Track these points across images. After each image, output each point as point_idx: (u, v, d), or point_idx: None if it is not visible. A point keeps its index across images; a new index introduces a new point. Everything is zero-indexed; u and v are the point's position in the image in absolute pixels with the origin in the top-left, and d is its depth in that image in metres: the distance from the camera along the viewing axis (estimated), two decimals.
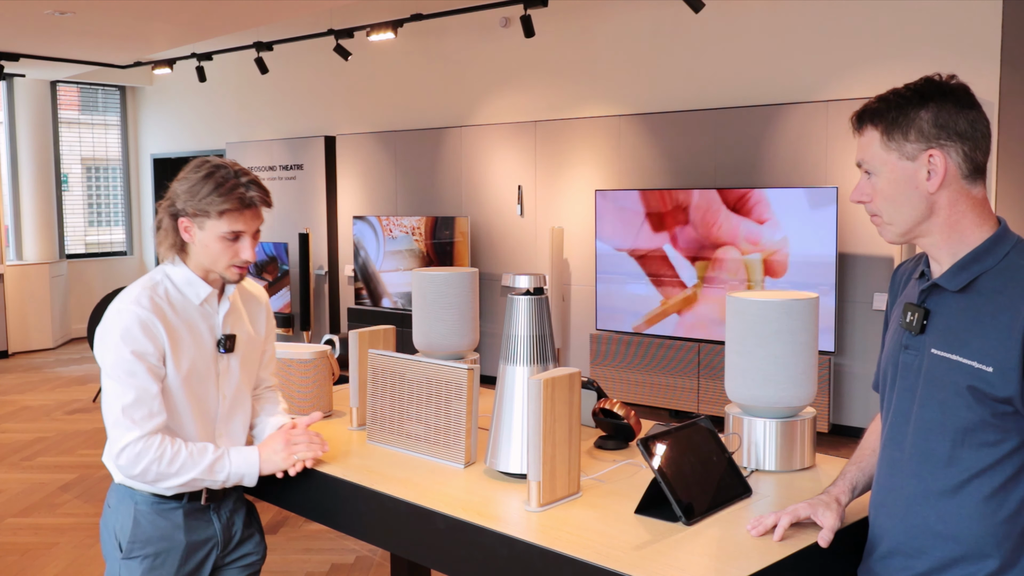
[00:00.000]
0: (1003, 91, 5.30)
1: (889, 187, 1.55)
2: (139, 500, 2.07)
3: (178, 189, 2.05)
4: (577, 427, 1.90)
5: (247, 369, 2.20)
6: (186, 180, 2.05)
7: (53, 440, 6.20)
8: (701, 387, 6.13)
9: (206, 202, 2.01)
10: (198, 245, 2.06)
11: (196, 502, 2.11)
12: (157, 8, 6.66)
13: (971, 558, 1.51)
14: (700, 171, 6.33)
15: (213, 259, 2.07)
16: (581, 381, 2.16)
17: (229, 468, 2.06)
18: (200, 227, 2.04)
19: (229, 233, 2.04)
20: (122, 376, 1.96)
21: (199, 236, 2.05)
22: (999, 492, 1.49)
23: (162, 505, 2.08)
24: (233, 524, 2.19)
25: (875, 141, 1.56)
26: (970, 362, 1.48)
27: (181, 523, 2.09)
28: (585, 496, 1.91)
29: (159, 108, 10.87)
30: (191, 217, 2.04)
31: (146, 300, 2.01)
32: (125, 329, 1.98)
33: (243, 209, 2.04)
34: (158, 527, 2.08)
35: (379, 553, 4.16)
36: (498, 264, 7.50)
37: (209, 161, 2.07)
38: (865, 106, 1.58)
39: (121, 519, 2.08)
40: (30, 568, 4.10)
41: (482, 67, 7.74)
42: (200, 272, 2.10)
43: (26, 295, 9.64)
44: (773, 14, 6.16)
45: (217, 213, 2.01)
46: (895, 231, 1.58)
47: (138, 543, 2.06)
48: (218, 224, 2.03)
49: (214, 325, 2.12)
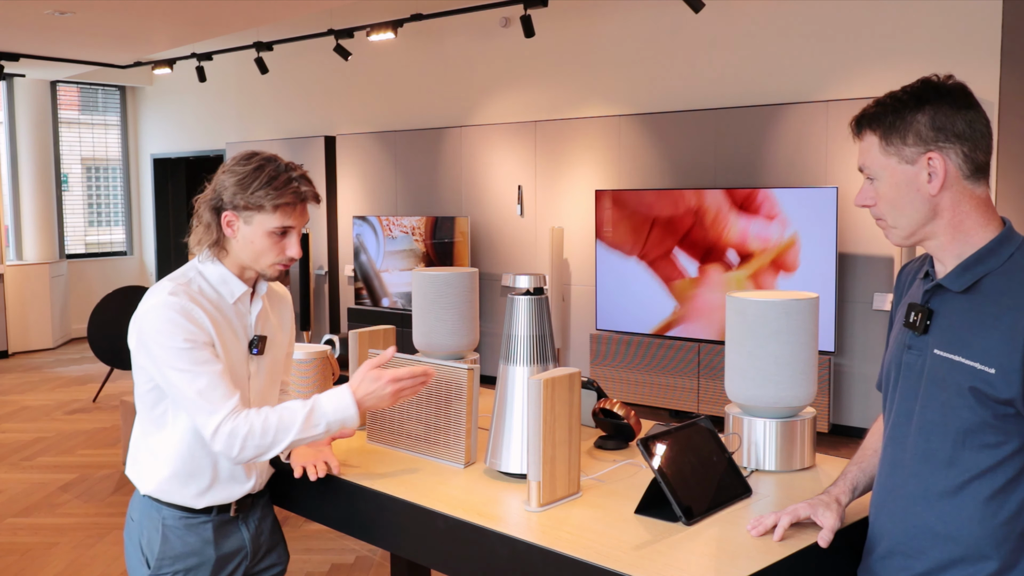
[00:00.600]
0: (1003, 91, 5.30)
1: (891, 191, 1.55)
2: (167, 515, 2.01)
3: (225, 181, 1.97)
4: (577, 427, 1.90)
5: (273, 371, 2.14)
6: (233, 172, 1.96)
7: (53, 440, 6.20)
8: (701, 387, 6.13)
9: (259, 195, 1.93)
10: (241, 241, 1.98)
11: (225, 514, 2.05)
12: (157, 8, 6.66)
13: (970, 559, 1.51)
14: (700, 171, 6.33)
15: (256, 256, 1.99)
16: (581, 381, 2.16)
17: (326, 417, 1.93)
18: (247, 222, 1.96)
19: (278, 228, 1.96)
20: (184, 365, 1.87)
21: (243, 231, 1.97)
22: (999, 494, 1.49)
23: (191, 520, 2.02)
24: (261, 534, 2.14)
25: (874, 146, 1.56)
26: (972, 363, 1.48)
27: (211, 537, 2.03)
28: (585, 496, 1.91)
29: (159, 108, 10.87)
30: (239, 211, 1.96)
31: (182, 293, 1.93)
32: (170, 321, 1.89)
33: (297, 204, 1.97)
34: (188, 542, 2.02)
35: (379, 553, 4.16)
36: (498, 264, 7.50)
37: (257, 154, 1.99)
38: (863, 111, 1.58)
39: (148, 534, 2.02)
40: (30, 568, 4.10)
41: (482, 67, 7.74)
42: (236, 270, 2.02)
43: (26, 295, 9.64)
44: (773, 14, 6.16)
45: (272, 207, 1.93)
46: (900, 234, 1.58)
47: (167, 559, 2.01)
48: (269, 219, 1.95)
49: (247, 325, 2.05)
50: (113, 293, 7.17)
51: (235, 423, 1.88)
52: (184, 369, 1.88)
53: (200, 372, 1.88)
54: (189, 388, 1.87)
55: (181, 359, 1.88)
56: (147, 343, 1.91)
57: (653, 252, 6.31)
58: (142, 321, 1.93)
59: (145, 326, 1.92)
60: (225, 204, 1.96)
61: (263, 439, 1.89)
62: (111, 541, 4.39)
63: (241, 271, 2.03)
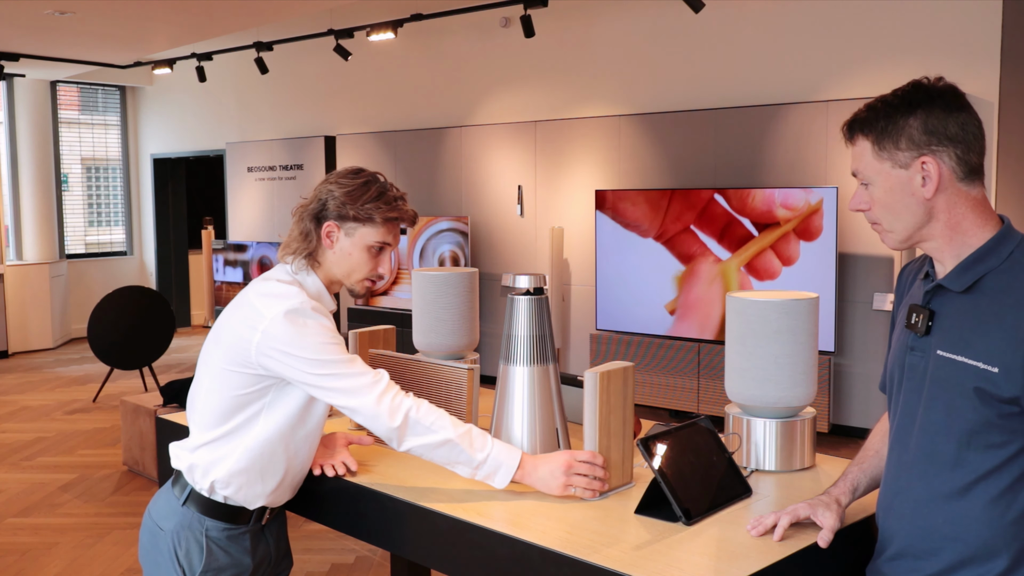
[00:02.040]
0: (1003, 91, 5.30)
1: (885, 196, 1.55)
2: (210, 527, 1.99)
3: (334, 191, 1.96)
4: (631, 419, 1.94)
5: None
6: (341, 184, 1.97)
7: (53, 440, 6.20)
8: (701, 387, 6.13)
9: (370, 208, 1.94)
10: (338, 253, 1.98)
11: (259, 523, 2.05)
12: (157, 8, 6.66)
13: (979, 560, 1.51)
14: (700, 171, 6.33)
15: (350, 269, 1.99)
16: (580, 380, 2.16)
17: (491, 449, 1.86)
18: (348, 234, 1.96)
19: (378, 243, 1.97)
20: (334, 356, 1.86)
21: (342, 243, 1.97)
22: (1006, 493, 1.49)
23: (233, 531, 2.01)
24: (280, 539, 2.16)
25: (867, 152, 1.55)
26: (976, 363, 1.48)
27: (249, 546, 2.04)
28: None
29: (159, 108, 10.87)
30: (343, 221, 1.96)
31: (302, 296, 1.91)
32: (298, 309, 1.87)
33: (401, 221, 1.99)
34: (231, 554, 2.01)
35: (379, 553, 4.16)
36: (498, 264, 7.50)
37: (364, 170, 2.01)
38: (855, 116, 1.58)
39: (186, 546, 1.99)
40: (30, 568, 4.10)
41: (482, 67, 7.74)
42: (326, 283, 2.02)
43: (26, 295, 9.65)
44: (773, 14, 6.17)
45: (382, 219, 1.95)
46: (896, 238, 1.58)
47: (211, 572, 1.99)
48: (372, 232, 1.96)
49: None
50: (113, 293, 7.16)
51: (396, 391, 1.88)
52: (332, 359, 1.86)
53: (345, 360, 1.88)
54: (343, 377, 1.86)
55: (327, 353, 1.86)
56: (291, 347, 1.87)
57: (669, 231, 6.31)
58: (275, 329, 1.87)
59: (279, 333, 1.87)
60: (329, 214, 1.96)
61: (425, 418, 1.87)
62: (111, 541, 4.39)
63: (329, 285, 2.02)
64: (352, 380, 1.88)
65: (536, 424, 1.97)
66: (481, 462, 1.86)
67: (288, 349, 1.87)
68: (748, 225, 5.85)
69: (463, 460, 1.87)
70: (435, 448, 1.88)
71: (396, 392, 1.90)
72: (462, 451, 1.86)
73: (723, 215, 5.95)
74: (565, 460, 1.84)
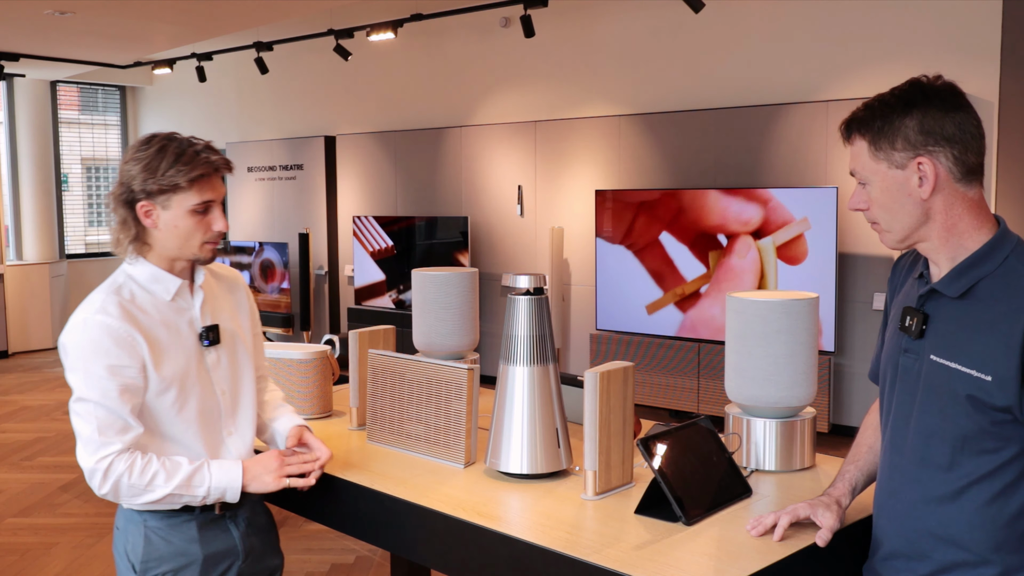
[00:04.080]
0: (1003, 91, 5.29)
1: (883, 196, 1.54)
2: (148, 518, 1.96)
3: (132, 171, 1.86)
4: (631, 419, 1.95)
5: (242, 357, 2.06)
6: (138, 160, 1.86)
7: (53, 440, 6.20)
8: (701, 387, 6.13)
9: (171, 174, 1.83)
10: (163, 229, 1.88)
11: (210, 512, 1.98)
12: (157, 8, 6.66)
13: (972, 563, 1.51)
14: (700, 171, 6.33)
15: (183, 240, 1.89)
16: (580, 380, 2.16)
17: (209, 481, 1.91)
18: (164, 206, 1.87)
19: (200, 204, 1.87)
20: (94, 395, 1.83)
21: (164, 218, 1.87)
22: (999, 497, 1.49)
23: (173, 519, 1.96)
24: (252, 534, 2.07)
25: (864, 151, 1.54)
26: (968, 371, 1.48)
27: (196, 536, 1.97)
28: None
29: (159, 108, 10.87)
30: (153, 197, 1.86)
31: (114, 307, 1.85)
32: (94, 342, 1.83)
33: (212, 174, 1.88)
34: (172, 543, 1.96)
35: (379, 553, 4.16)
36: (498, 264, 7.50)
37: (156, 135, 1.90)
38: (852, 115, 1.57)
39: (132, 540, 1.98)
40: (30, 568, 4.10)
41: (482, 67, 7.74)
42: (165, 264, 1.93)
43: (26, 295, 9.64)
44: (773, 14, 6.16)
45: (187, 182, 1.84)
46: (894, 238, 1.57)
47: (152, 562, 1.96)
48: (187, 197, 1.86)
49: (193, 319, 1.96)
50: None
51: (117, 459, 1.85)
52: (89, 399, 1.84)
53: (102, 406, 1.83)
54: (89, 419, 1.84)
55: (91, 386, 1.83)
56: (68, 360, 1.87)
57: (651, 251, 6.31)
58: (68, 337, 1.87)
59: (69, 343, 1.87)
60: (137, 194, 1.86)
61: (139, 479, 1.86)
62: (111, 541, 4.39)
63: (171, 264, 1.94)
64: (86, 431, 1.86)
65: (536, 424, 1.97)
66: (205, 496, 1.93)
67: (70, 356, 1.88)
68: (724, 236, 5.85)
69: (187, 500, 1.92)
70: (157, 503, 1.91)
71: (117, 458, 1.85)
72: (183, 496, 1.91)
73: (719, 218, 5.96)
74: (276, 457, 1.98)
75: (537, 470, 1.97)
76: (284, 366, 2.55)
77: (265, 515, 2.16)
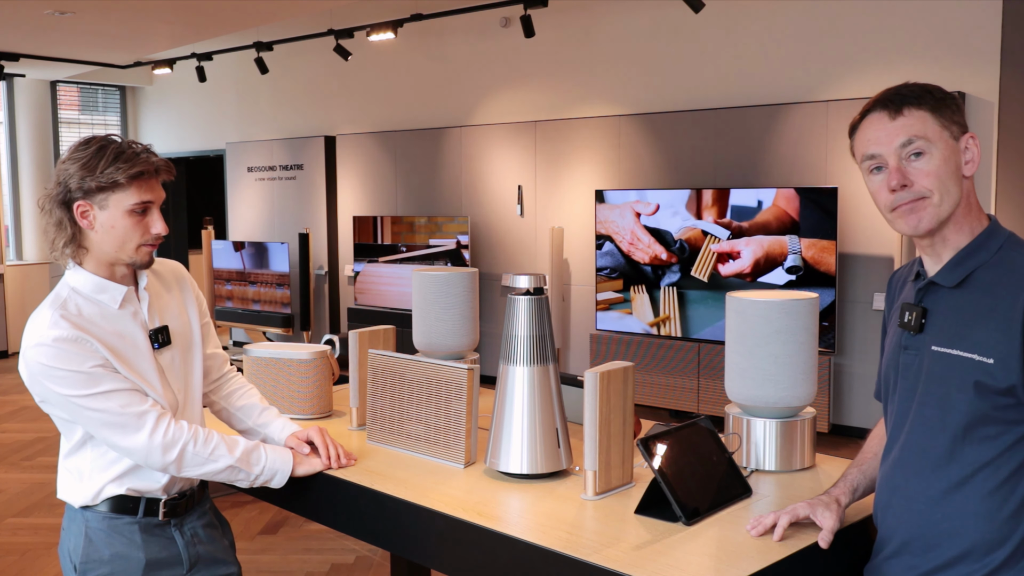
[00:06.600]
0: (1003, 91, 5.29)
1: (944, 165, 1.51)
2: (90, 518, 1.94)
3: (69, 169, 1.82)
4: (631, 419, 1.95)
5: (194, 355, 2.06)
6: (76, 159, 1.82)
7: (53, 440, 6.20)
8: (701, 387, 6.13)
9: (110, 172, 1.79)
10: (100, 231, 1.84)
11: (153, 516, 1.96)
12: (157, 8, 6.66)
13: (977, 553, 1.51)
14: (700, 171, 6.33)
15: (121, 242, 1.86)
16: (579, 380, 2.16)
17: (264, 461, 1.97)
18: (102, 206, 1.83)
19: (138, 204, 1.83)
20: (94, 392, 1.81)
21: (101, 219, 1.83)
22: (1003, 487, 1.49)
23: (115, 520, 1.94)
24: (199, 543, 2.05)
25: (928, 118, 1.51)
26: (971, 355, 1.48)
27: (138, 540, 1.95)
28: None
29: (159, 108, 10.87)
30: (90, 196, 1.82)
31: (63, 322, 1.81)
32: (60, 357, 1.80)
33: (152, 175, 1.85)
34: (112, 545, 1.94)
35: (379, 553, 4.16)
36: (498, 264, 7.50)
37: (95, 136, 1.86)
38: (895, 91, 1.53)
39: (74, 540, 1.96)
40: (30, 568, 4.10)
41: (482, 67, 7.74)
42: (105, 271, 1.90)
43: (26, 295, 9.64)
44: (773, 14, 6.17)
45: (127, 179, 1.80)
46: (939, 214, 1.52)
47: (92, 563, 1.93)
48: (126, 196, 1.82)
49: (143, 323, 1.94)
50: None
51: (175, 426, 1.88)
52: (93, 397, 1.82)
53: (110, 393, 1.83)
54: (106, 412, 1.82)
55: (84, 387, 1.81)
56: (43, 381, 1.83)
57: (651, 251, 6.31)
58: (30, 368, 1.83)
59: (36, 372, 1.83)
60: (74, 193, 1.81)
61: (204, 448, 1.91)
62: None
63: (111, 270, 1.91)
64: (113, 421, 1.85)
65: (536, 424, 1.97)
66: (258, 475, 1.99)
67: (43, 379, 1.84)
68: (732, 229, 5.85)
69: (242, 478, 1.98)
70: (217, 474, 1.95)
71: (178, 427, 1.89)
72: (240, 471, 1.97)
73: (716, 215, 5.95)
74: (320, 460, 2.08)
75: (537, 470, 1.97)
76: (284, 366, 2.55)
77: (216, 524, 2.14)
